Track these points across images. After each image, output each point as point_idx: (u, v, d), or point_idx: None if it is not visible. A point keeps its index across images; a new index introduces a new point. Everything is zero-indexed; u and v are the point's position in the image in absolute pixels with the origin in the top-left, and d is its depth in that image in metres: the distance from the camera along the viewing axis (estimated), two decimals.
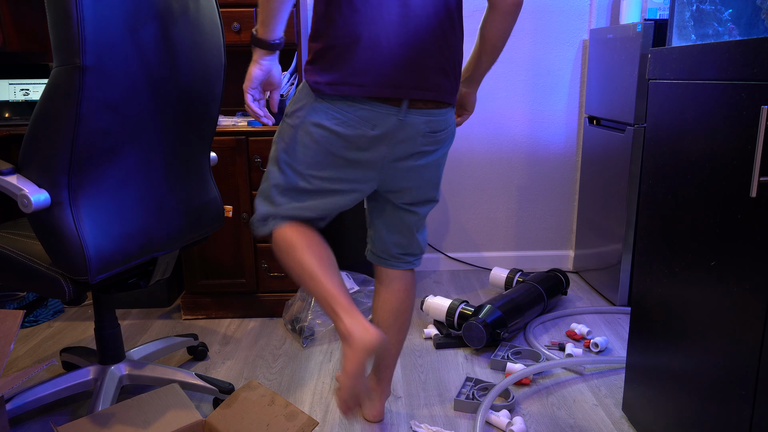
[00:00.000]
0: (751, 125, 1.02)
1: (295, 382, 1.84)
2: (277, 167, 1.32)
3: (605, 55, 2.39)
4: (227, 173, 2.17)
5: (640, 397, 1.49)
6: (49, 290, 1.31)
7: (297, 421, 1.32)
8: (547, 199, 2.80)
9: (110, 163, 1.28)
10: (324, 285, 1.25)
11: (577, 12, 2.61)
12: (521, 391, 1.76)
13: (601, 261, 2.48)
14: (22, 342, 2.12)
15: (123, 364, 1.65)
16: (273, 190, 1.33)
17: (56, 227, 1.24)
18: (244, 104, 1.61)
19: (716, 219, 1.13)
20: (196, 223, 1.57)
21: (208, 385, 1.66)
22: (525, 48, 2.64)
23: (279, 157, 1.32)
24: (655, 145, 1.37)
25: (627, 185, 2.24)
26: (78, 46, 1.12)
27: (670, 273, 1.31)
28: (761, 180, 0.99)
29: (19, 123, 2.19)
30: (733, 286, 1.09)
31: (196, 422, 1.35)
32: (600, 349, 1.98)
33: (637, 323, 1.50)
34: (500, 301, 2.05)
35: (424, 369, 1.91)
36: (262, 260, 2.25)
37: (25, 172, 1.24)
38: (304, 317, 2.11)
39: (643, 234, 1.44)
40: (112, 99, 1.22)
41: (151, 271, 1.53)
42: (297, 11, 2.20)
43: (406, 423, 1.61)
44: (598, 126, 2.49)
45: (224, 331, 2.19)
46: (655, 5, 2.33)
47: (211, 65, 1.48)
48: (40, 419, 1.64)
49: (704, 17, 1.48)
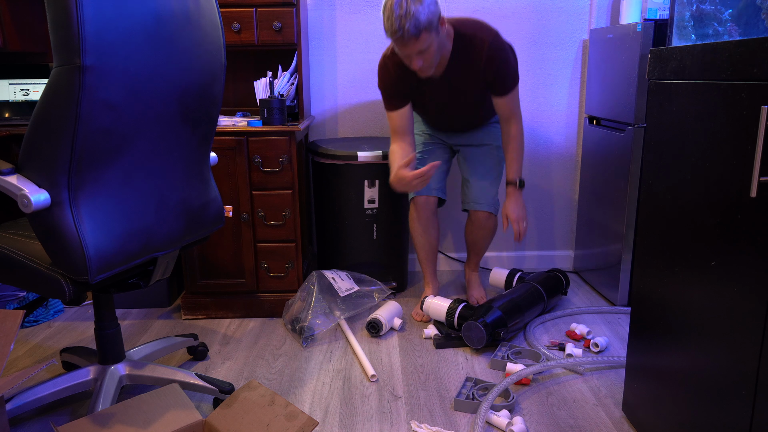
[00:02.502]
0: (751, 125, 1.02)
1: (295, 382, 1.84)
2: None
3: (605, 55, 2.39)
4: (227, 173, 2.17)
5: (640, 397, 1.49)
6: (49, 290, 1.31)
7: (297, 421, 1.32)
8: (547, 199, 2.80)
9: (110, 163, 1.28)
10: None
11: (577, 12, 2.61)
12: (521, 391, 1.76)
13: (601, 261, 2.48)
14: (22, 342, 2.12)
15: (123, 364, 1.65)
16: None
17: (56, 227, 1.24)
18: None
19: (716, 219, 1.13)
20: (196, 223, 1.57)
21: (208, 385, 1.66)
22: (525, 48, 2.64)
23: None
24: (655, 145, 1.37)
25: (627, 185, 2.24)
26: (78, 46, 1.12)
27: (670, 273, 1.31)
28: (761, 180, 0.99)
29: (19, 123, 2.19)
30: (733, 286, 1.09)
31: (196, 422, 1.35)
32: (600, 349, 1.98)
33: (637, 323, 1.50)
34: (500, 301, 2.05)
35: (424, 369, 1.91)
36: (262, 260, 2.25)
37: (25, 172, 1.24)
38: (304, 317, 2.11)
39: (643, 234, 1.44)
40: (112, 99, 1.21)
41: (151, 271, 1.53)
42: (297, 11, 2.20)
43: (406, 423, 1.62)
44: (598, 126, 2.49)
45: (224, 331, 2.19)
46: (655, 5, 2.33)
47: (211, 65, 1.48)
48: (40, 419, 1.64)
49: (704, 17, 1.48)
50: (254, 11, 2.20)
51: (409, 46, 1.83)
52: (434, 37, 1.84)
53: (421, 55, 1.86)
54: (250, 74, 2.58)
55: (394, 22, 1.77)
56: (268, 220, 2.21)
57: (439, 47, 1.91)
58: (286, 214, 2.21)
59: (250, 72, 2.58)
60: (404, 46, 1.84)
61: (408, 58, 1.89)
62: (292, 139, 2.15)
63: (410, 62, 1.89)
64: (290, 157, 2.16)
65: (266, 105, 2.15)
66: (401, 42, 1.82)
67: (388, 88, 2.08)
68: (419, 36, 1.79)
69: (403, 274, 2.56)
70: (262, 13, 2.21)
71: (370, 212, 2.40)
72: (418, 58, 1.87)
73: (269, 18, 2.21)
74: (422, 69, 1.93)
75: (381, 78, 2.08)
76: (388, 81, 2.06)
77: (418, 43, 1.81)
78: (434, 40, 1.85)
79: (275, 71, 2.56)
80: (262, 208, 2.20)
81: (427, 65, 1.92)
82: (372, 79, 2.68)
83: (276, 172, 2.18)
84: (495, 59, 1.99)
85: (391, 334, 2.17)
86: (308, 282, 2.24)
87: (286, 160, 2.16)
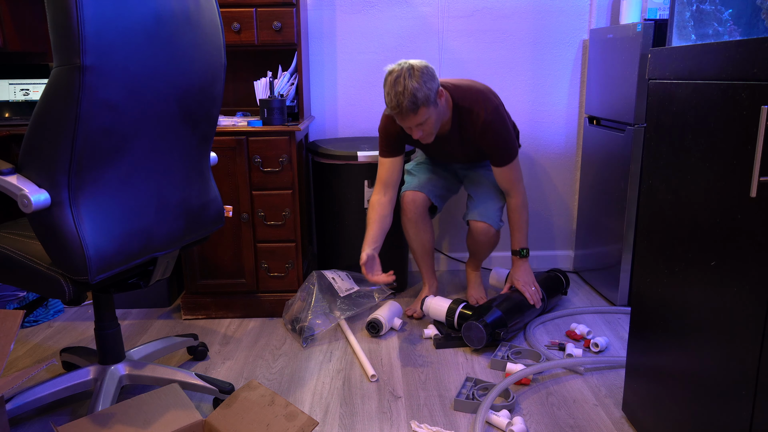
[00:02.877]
0: (751, 125, 1.02)
1: (295, 382, 1.84)
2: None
3: (605, 55, 2.39)
4: (227, 173, 2.17)
5: (640, 397, 1.49)
6: (49, 290, 1.31)
7: (297, 421, 1.32)
8: (547, 199, 2.80)
9: (110, 163, 1.28)
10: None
11: (577, 12, 2.61)
12: (521, 391, 1.76)
13: (601, 261, 2.48)
14: (22, 342, 2.12)
15: (123, 364, 1.65)
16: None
17: (56, 227, 1.24)
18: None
19: (716, 219, 1.13)
20: (196, 223, 1.57)
21: (208, 385, 1.66)
22: (525, 48, 2.64)
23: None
24: (655, 145, 1.37)
25: (627, 185, 2.24)
26: (78, 46, 1.12)
27: (670, 273, 1.31)
28: (761, 180, 0.99)
29: (19, 123, 2.19)
30: (733, 286, 1.09)
31: (196, 422, 1.35)
32: (600, 349, 1.98)
33: (637, 323, 1.50)
34: (500, 301, 2.05)
35: (424, 369, 1.91)
36: (262, 260, 2.25)
37: (25, 172, 1.24)
38: (304, 317, 2.11)
39: (643, 234, 1.44)
40: (112, 99, 1.21)
41: (151, 271, 1.53)
42: (297, 11, 2.20)
43: (406, 423, 1.61)
44: (598, 126, 2.49)
45: (224, 331, 2.19)
46: (655, 5, 2.33)
47: (211, 65, 1.48)
48: (40, 419, 1.64)
49: (704, 17, 1.48)
50: (254, 11, 2.20)
51: (407, 120, 1.90)
52: (432, 111, 1.91)
53: (420, 126, 1.93)
54: (250, 74, 2.58)
55: (393, 99, 1.85)
56: (268, 220, 2.21)
57: (439, 117, 1.98)
58: (286, 214, 2.21)
59: (250, 72, 2.58)
60: (403, 120, 1.91)
61: (408, 129, 1.95)
62: (292, 139, 2.15)
63: (411, 133, 1.96)
64: (290, 157, 2.16)
65: (266, 105, 2.15)
66: (400, 117, 1.89)
67: (388, 137, 2.12)
68: (417, 111, 1.86)
69: (403, 274, 2.56)
70: (262, 13, 2.21)
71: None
72: (418, 129, 1.94)
73: (269, 18, 2.21)
74: (423, 138, 2.01)
75: (383, 126, 2.12)
76: (391, 128, 2.11)
77: (416, 118, 1.89)
78: (432, 113, 1.92)
79: (275, 71, 2.56)
80: (262, 208, 2.20)
81: (426, 134, 1.99)
82: (372, 79, 2.68)
83: (276, 172, 2.18)
84: (488, 133, 2.04)
85: (391, 334, 2.17)
86: (308, 282, 2.24)
87: (286, 160, 2.16)
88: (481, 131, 2.04)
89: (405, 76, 1.83)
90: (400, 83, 1.83)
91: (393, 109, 1.88)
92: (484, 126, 2.03)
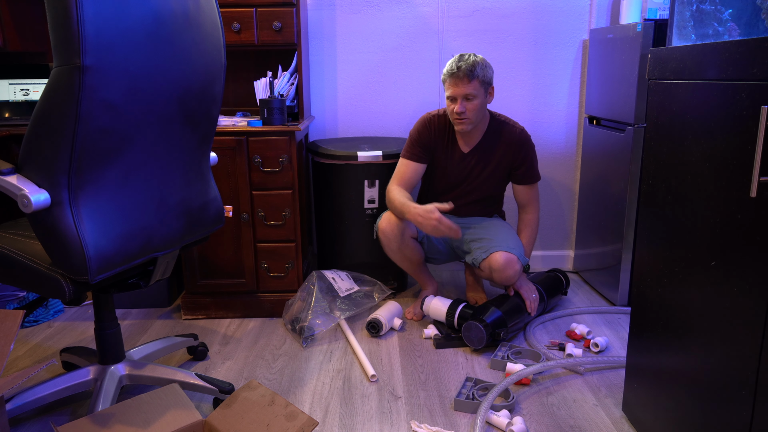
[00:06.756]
0: (751, 125, 1.02)
1: (295, 382, 1.84)
2: None
3: (605, 55, 2.39)
4: (227, 173, 2.17)
5: (640, 397, 1.49)
6: (49, 290, 1.31)
7: (297, 421, 1.32)
8: (547, 199, 2.80)
9: (110, 163, 1.28)
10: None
11: (577, 12, 2.61)
12: (521, 391, 1.76)
13: (601, 261, 2.48)
14: (22, 342, 2.12)
15: (123, 364, 1.65)
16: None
17: (56, 227, 1.24)
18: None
19: (716, 219, 1.13)
20: (196, 223, 1.57)
21: (208, 385, 1.66)
22: (525, 48, 2.64)
23: None
24: (655, 145, 1.37)
25: (627, 185, 2.24)
26: (78, 46, 1.12)
27: (670, 273, 1.31)
28: (761, 180, 0.99)
29: (19, 123, 2.19)
30: (733, 286, 1.09)
31: (196, 422, 1.35)
32: (600, 349, 1.98)
33: (637, 323, 1.50)
34: (500, 301, 2.05)
35: (424, 369, 1.91)
36: (262, 260, 2.25)
37: (25, 172, 1.24)
38: (304, 317, 2.11)
39: (643, 234, 1.44)
40: (112, 99, 1.21)
41: (151, 271, 1.53)
42: (297, 11, 2.20)
43: (406, 423, 1.61)
44: (598, 126, 2.49)
45: (224, 331, 2.19)
46: (655, 5, 2.33)
47: (211, 65, 1.48)
48: (40, 419, 1.64)
49: (704, 17, 1.48)
50: (254, 11, 2.20)
51: (460, 86, 2.01)
52: (482, 92, 2.04)
53: (466, 101, 2.03)
54: (250, 74, 2.58)
55: (455, 62, 2.01)
56: (268, 220, 2.21)
57: (481, 109, 2.07)
58: (286, 214, 2.21)
59: (250, 72, 2.58)
60: (455, 85, 2.01)
61: (454, 100, 2.02)
62: (292, 139, 2.15)
63: (455, 105, 2.02)
64: (290, 157, 2.16)
65: (266, 105, 2.15)
66: (455, 78, 2.01)
67: (421, 139, 2.17)
68: (472, 80, 2.00)
69: (403, 274, 2.56)
70: (262, 13, 2.21)
71: (370, 212, 2.40)
72: (463, 102, 2.02)
73: (269, 18, 2.21)
74: (461, 118, 2.04)
75: (419, 128, 2.18)
76: (425, 133, 2.17)
77: (468, 86, 2.00)
78: (481, 94, 2.04)
79: (275, 71, 2.56)
80: (262, 208, 2.20)
81: (467, 117, 2.04)
82: (372, 79, 2.68)
83: (276, 172, 2.18)
84: (525, 145, 2.17)
85: (391, 334, 2.17)
86: (308, 282, 2.24)
87: (286, 160, 2.16)
88: (519, 142, 2.16)
89: (473, 54, 2.04)
90: (467, 55, 2.03)
91: (450, 71, 2.01)
92: (521, 136, 2.17)
